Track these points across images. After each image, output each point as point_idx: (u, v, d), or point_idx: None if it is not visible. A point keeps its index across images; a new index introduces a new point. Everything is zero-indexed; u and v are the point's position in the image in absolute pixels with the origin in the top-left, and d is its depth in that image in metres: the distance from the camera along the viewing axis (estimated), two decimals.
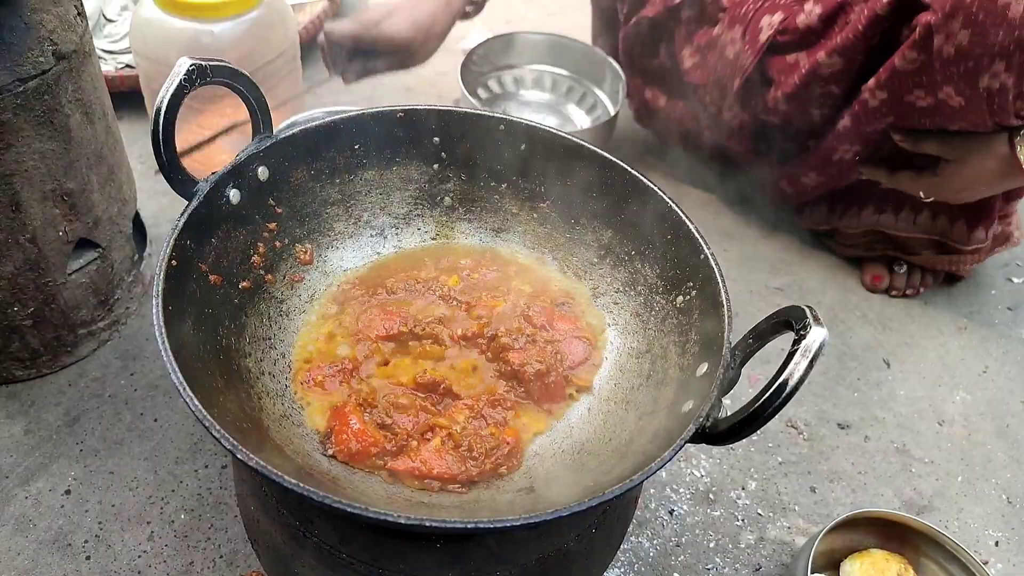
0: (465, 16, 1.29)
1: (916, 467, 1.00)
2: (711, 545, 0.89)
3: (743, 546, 0.89)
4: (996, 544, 0.94)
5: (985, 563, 0.84)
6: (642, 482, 0.49)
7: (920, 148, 1.07)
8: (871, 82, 0.99)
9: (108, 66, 1.36)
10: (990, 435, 1.05)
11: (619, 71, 1.28)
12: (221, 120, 1.20)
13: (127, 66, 1.36)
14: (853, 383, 1.09)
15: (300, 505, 0.59)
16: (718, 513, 0.92)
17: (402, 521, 0.45)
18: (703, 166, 1.31)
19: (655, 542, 0.88)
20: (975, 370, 1.14)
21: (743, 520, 0.92)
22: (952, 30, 0.86)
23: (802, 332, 0.50)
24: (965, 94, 0.91)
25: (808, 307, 0.52)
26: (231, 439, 0.47)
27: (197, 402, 0.48)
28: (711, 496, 0.93)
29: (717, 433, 0.52)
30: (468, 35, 1.63)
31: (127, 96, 1.30)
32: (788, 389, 0.49)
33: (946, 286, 1.25)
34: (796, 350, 0.49)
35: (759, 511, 0.93)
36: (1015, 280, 1.29)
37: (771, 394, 0.49)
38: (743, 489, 0.95)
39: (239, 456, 0.46)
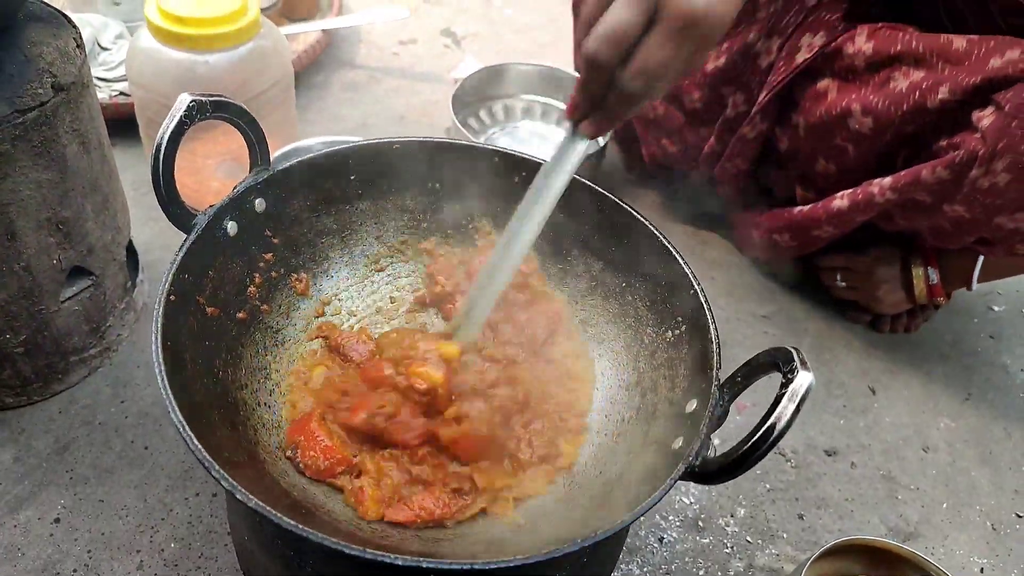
0: None
1: (902, 494, 1.02)
2: (700, 573, 0.89)
3: (732, 574, 0.90)
4: (981, 571, 0.95)
5: None
6: (632, 522, 0.50)
7: (831, 261, 1.20)
8: (887, 181, 0.98)
9: (103, 94, 1.36)
10: (974, 461, 1.07)
11: None
12: (214, 147, 1.21)
13: (122, 94, 1.37)
14: (839, 410, 1.10)
15: (295, 538, 0.59)
16: (707, 540, 0.93)
17: (399, 563, 0.46)
18: (692, 196, 1.33)
19: (645, 570, 0.89)
20: (958, 397, 1.15)
21: (732, 547, 0.93)
22: (995, 169, 0.85)
23: (789, 376, 0.51)
24: (974, 214, 0.92)
25: (795, 349, 0.53)
26: (230, 480, 0.47)
27: (197, 441, 0.49)
28: (700, 523, 0.94)
29: (706, 473, 0.53)
30: (458, 65, 1.66)
31: (121, 124, 1.31)
32: (776, 432, 0.50)
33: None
34: (784, 394, 0.50)
35: (748, 538, 0.94)
36: (996, 308, 1.31)
37: (759, 437, 0.50)
38: (732, 516, 0.96)
39: (239, 497, 0.46)
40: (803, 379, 0.50)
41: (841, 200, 1.05)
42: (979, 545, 0.97)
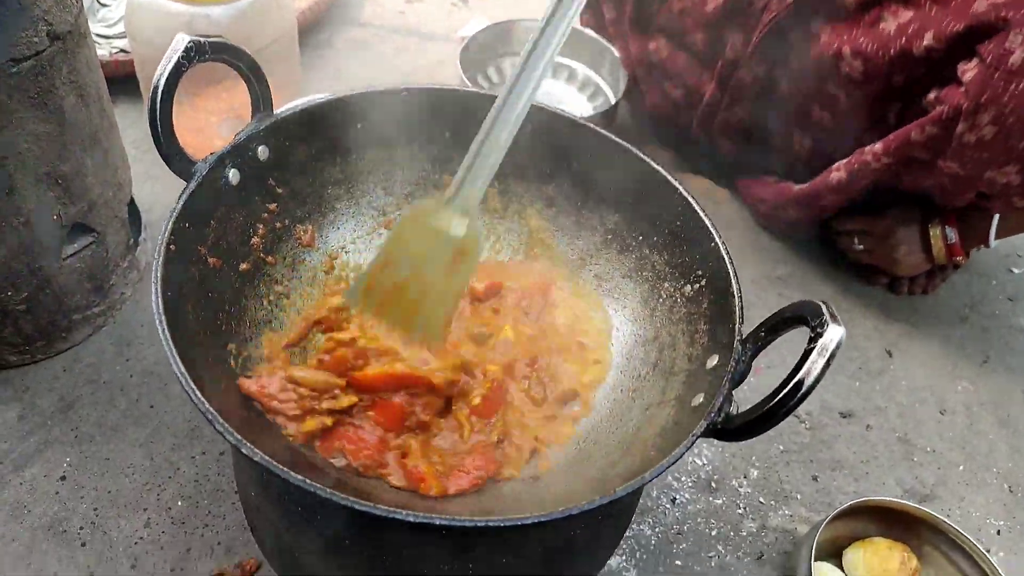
0: None
1: (918, 456, 1.00)
2: (713, 533, 0.88)
3: (745, 534, 0.89)
4: (998, 533, 0.93)
5: (987, 552, 0.84)
6: (652, 480, 0.48)
7: (849, 224, 1.16)
8: (878, 147, 0.97)
9: (103, 51, 1.34)
10: (992, 425, 1.05)
11: (619, 58, 1.27)
12: (217, 103, 1.19)
13: (121, 51, 1.34)
14: (855, 372, 1.08)
15: (303, 493, 0.58)
16: (720, 501, 0.91)
17: (411, 520, 0.44)
18: (703, 157, 1.30)
19: (657, 530, 0.87)
20: (976, 360, 1.13)
21: (745, 508, 0.91)
22: (979, 123, 0.84)
23: (819, 329, 0.49)
24: (967, 170, 0.91)
25: (824, 303, 0.51)
26: (235, 434, 0.46)
27: (199, 394, 0.47)
28: (713, 484, 0.93)
29: (729, 429, 0.51)
30: (466, 24, 1.62)
31: (122, 81, 1.28)
32: (804, 388, 0.48)
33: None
34: (813, 348, 0.48)
35: (761, 499, 0.92)
36: (1015, 271, 1.29)
37: (786, 393, 0.48)
38: (745, 478, 0.94)
39: (243, 451, 0.45)
40: (833, 333, 0.48)
41: (839, 172, 1.04)
42: (996, 507, 0.96)
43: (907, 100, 0.95)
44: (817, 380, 0.48)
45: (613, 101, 1.24)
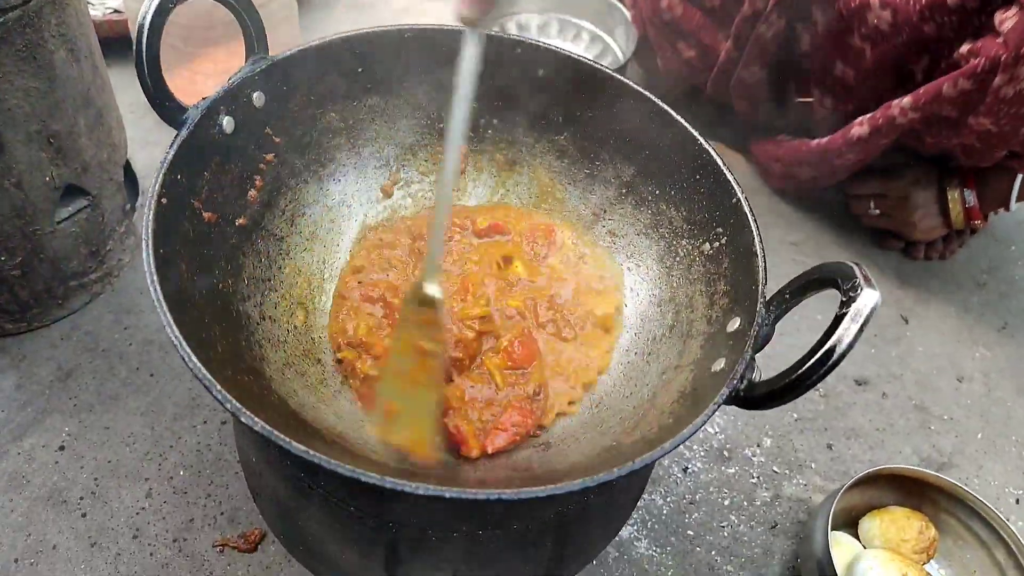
0: None
1: (935, 424, 0.98)
2: (726, 503, 0.86)
3: (758, 504, 0.87)
4: (1017, 501, 0.91)
5: (1008, 520, 0.82)
6: (672, 450, 0.45)
7: (863, 188, 1.13)
8: (907, 100, 0.93)
9: (96, 11, 1.29)
10: (1010, 392, 1.02)
11: (629, 18, 1.23)
12: (214, 66, 1.15)
13: (115, 11, 1.30)
14: (870, 339, 1.06)
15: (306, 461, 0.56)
16: (733, 471, 0.89)
17: (420, 492, 0.42)
18: (714, 116, 1.26)
19: (669, 499, 0.86)
20: (994, 326, 1.11)
21: (758, 477, 0.89)
22: (1019, 74, 0.80)
23: (851, 293, 0.46)
24: (1001, 126, 0.87)
25: (857, 264, 0.48)
26: (233, 401, 0.43)
27: (196, 359, 0.44)
28: (725, 453, 0.91)
29: (753, 397, 0.48)
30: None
31: (115, 42, 1.24)
32: (836, 356, 0.44)
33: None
34: (845, 313, 0.45)
35: (775, 468, 0.90)
36: None
37: (817, 360, 0.45)
38: (758, 446, 0.92)
39: (243, 420, 0.42)
40: (868, 298, 0.45)
41: (861, 127, 1.00)
42: (1015, 476, 0.94)
43: (936, 54, 0.91)
44: (850, 347, 0.45)
45: (622, 60, 1.20)
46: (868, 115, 0.99)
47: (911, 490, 0.84)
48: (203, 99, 0.58)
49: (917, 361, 1.04)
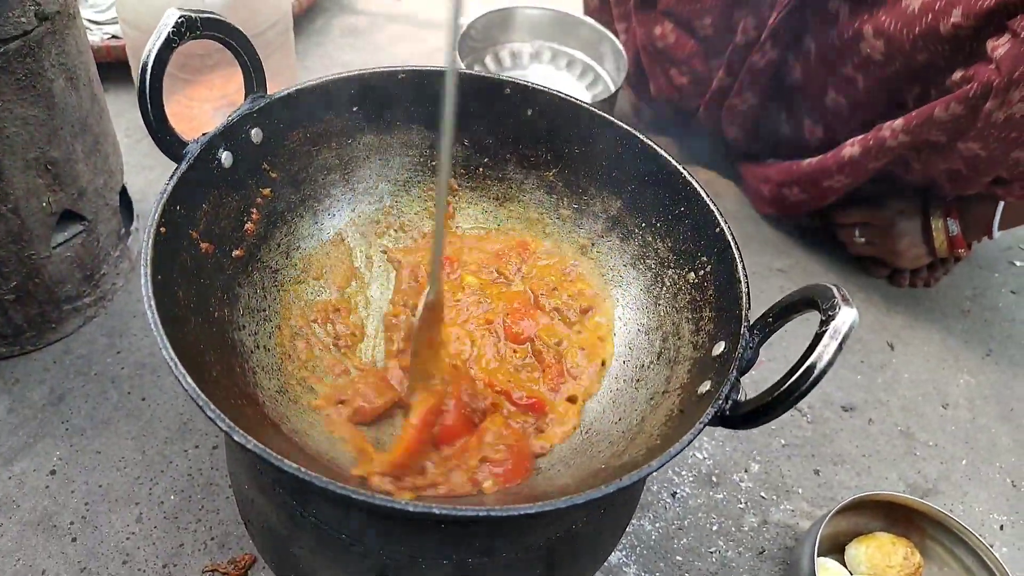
0: None
1: (920, 450, 0.99)
2: (714, 528, 0.87)
3: (746, 529, 0.88)
4: (1001, 528, 0.92)
5: (992, 547, 0.83)
6: (659, 468, 0.46)
7: (850, 217, 1.15)
8: (899, 123, 0.94)
9: (94, 36, 1.31)
10: (994, 419, 1.04)
11: (620, 48, 1.25)
12: (210, 92, 1.17)
13: (113, 37, 1.32)
14: (857, 365, 1.07)
15: (298, 485, 0.56)
16: (721, 496, 0.90)
17: (410, 509, 0.43)
18: (703, 145, 1.29)
19: (657, 525, 0.86)
20: (979, 353, 1.12)
21: (746, 503, 0.90)
22: (1011, 99, 0.81)
23: (830, 312, 0.47)
24: (991, 151, 0.89)
25: (835, 285, 0.49)
26: (226, 420, 0.44)
27: (190, 379, 0.45)
28: (714, 479, 0.92)
29: (738, 416, 0.50)
30: (464, 12, 1.60)
31: (113, 67, 1.26)
32: (816, 372, 0.46)
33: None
34: (824, 331, 0.46)
35: (762, 494, 0.91)
36: (1018, 263, 1.28)
37: (798, 377, 0.46)
38: (746, 472, 0.93)
39: (236, 439, 0.43)
40: (846, 316, 0.46)
41: (852, 147, 1.02)
42: (999, 502, 0.95)
43: (928, 82, 0.93)
44: (830, 364, 0.46)
45: (613, 89, 1.22)
46: (859, 136, 1.01)
47: (897, 516, 0.85)
48: (203, 134, 0.60)
49: (903, 387, 1.06)
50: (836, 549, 0.85)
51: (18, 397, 0.89)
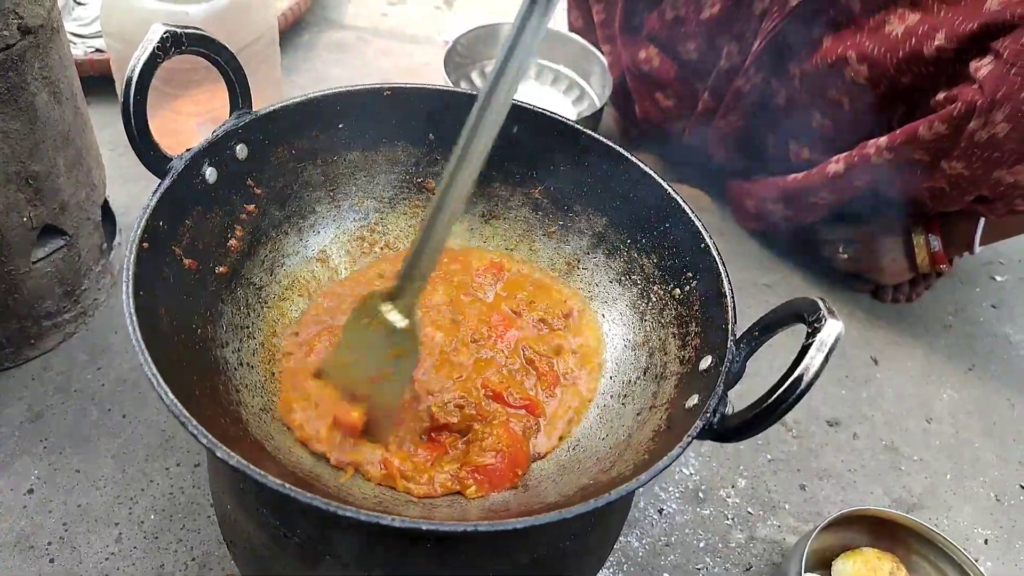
0: None
1: (905, 465, 0.99)
2: (701, 544, 0.87)
3: (733, 545, 0.88)
4: (985, 542, 0.93)
5: (977, 561, 0.83)
6: (648, 482, 0.46)
7: (833, 233, 1.15)
8: (883, 140, 0.95)
9: (78, 50, 1.31)
10: (977, 433, 1.05)
11: (605, 64, 1.26)
12: (196, 106, 1.16)
13: (97, 50, 1.31)
14: (842, 380, 1.08)
15: (282, 505, 0.56)
16: (708, 512, 0.90)
17: (397, 525, 0.42)
18: (688, 162, 1.29)
19: (644, 541, 0.86)
20: (961, 368, 1.13)
21: (733, 519, 0.90)
22: (993, 119, 0.83)
23: (816, 325, 0.48)
24: (973, 170, 0.90)
25: (821, 299, 0.50)
26: (209, 436, 0.43)
27: (172, 395, 0.44)
28: (700, 495, 0.91)
29: (726, 430, 0.50)
30: (449, 26, 1.61)
31: (97, 81, 1.25)
32: (804, 384, 0.46)
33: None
34: (811, 343, 0.47)
35: (749, 510, 0.91)
36: (998, 278, 1.29)
37: (785, 389, 0.47)
38: (733, 487, 0.93)
39: (219, 455, 0.42)
40: (832, 328, 0.47)
41: (837, 164, 1.03)
42: (983, 517, 0.95)
43: (912, 103, 0.95)
44: (816, 375, 0.46)
45: (599, 105, 1.23)
46: (844, 154, 1.02)
47: (883, 531, 0.85)
48: (187, 150, 0.59)
49: (887, 402, 1.06)
50: (823, 564, 0.85)
51: None
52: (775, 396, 0.47)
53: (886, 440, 1.02)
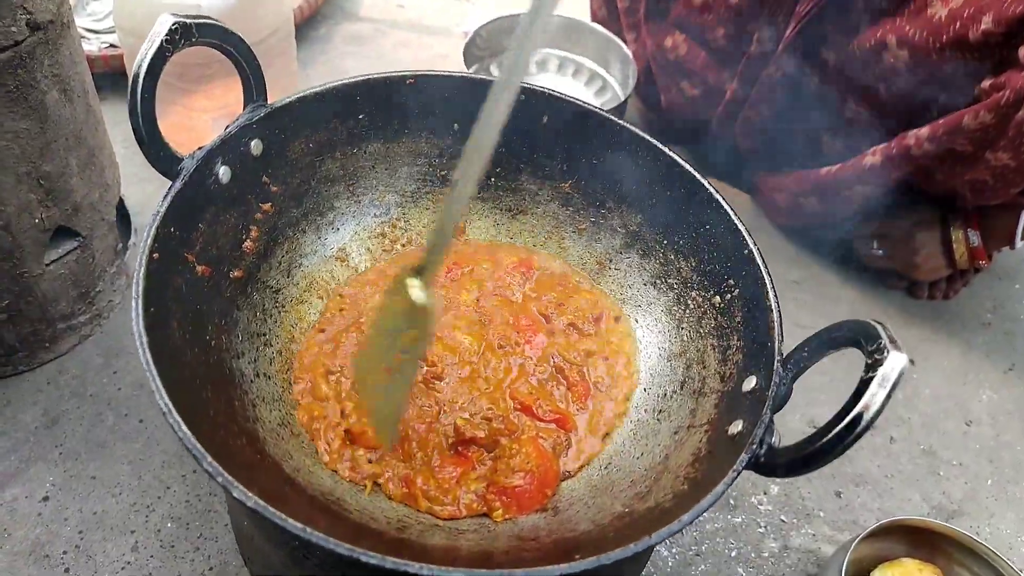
0: None
1: (944, 470, 0.95)
2: (732, 554, 0.84)
3: (766, 555, 0.84)
4: None
5: (1021, 572, 0.80)
6: (691, 522, 0.43)
7: (866, 228, 1.11)
8: (924, 131, 0.91)
9: (91, 46, 1.28)
10: (1019, 436, 1.00)
11: (628, 55, 1.22)
12: (210, 102, 1.14)
13: (111, 46, 1.29)
14: None
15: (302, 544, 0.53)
16: (739, 520, 0.87)
17: (424, 574, 0.39)
18: (715, 155, 1.25)
19: (674, 551, 0.83)
20: (1001, 367, 1.09)
21: (766, 527, 0.87)
22: None
23: (877, 356, 0.44)
24: (1020, 160, 0.86)
25: (881, 324, 0.46)
26: (225, 474, 0.41)
27: (185, 427, 0.42)
28: (732, 501, 0.88)
29: (774, 464, 0.46)
30: (466, 17, 1.57)
31: (111, 77, 1.23)
32: (864, 422, 0.42)
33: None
34: (872, 377, 0.43)
35: (782, 517, 0.88)
36: None
37: (844, 427, 0.43)
38: (765, 494, 0.90)
39: (235, 495, 0.40)
40: (896, 361, 0.43)
41: (873, 156, 0.98)
42: None
43: (954, 91, 0.90)
44: (878, 414, 0.43)
45: (622, 97, 1.19)
46: (882, 145, 0.98)
47: (922, 541, 0.82)
48: (199, 148, 0.57)
49: (924, 404, 1.02)
50: (860, 575, 0.82)
51: (10, 419, 0.86)
52: (832, 434, 0.43)
53: (924, 444, 0.98)
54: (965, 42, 0.84)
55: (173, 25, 0.52)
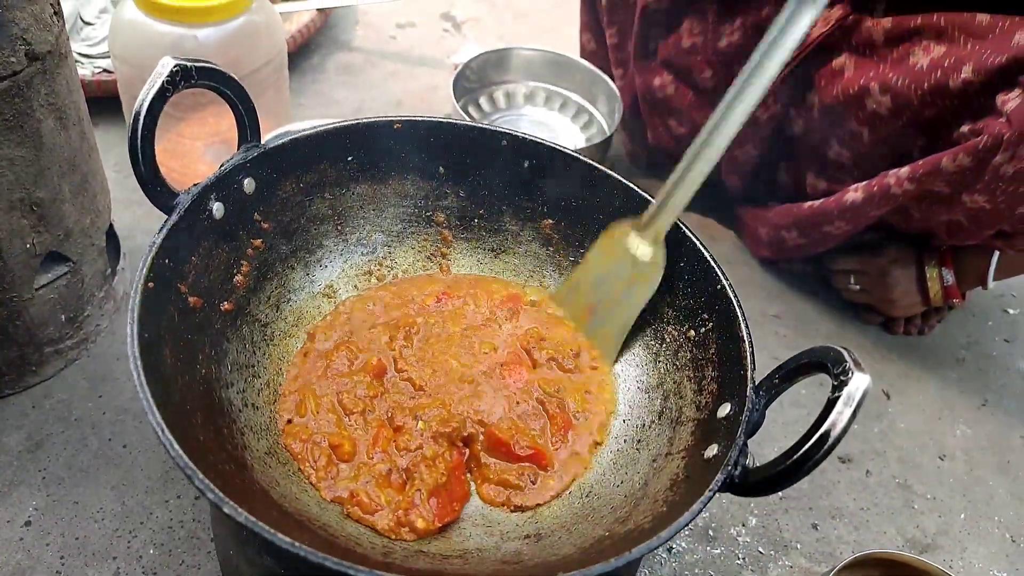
0: None
1: (919, 503, 0.97)
2: None
3: None
4: None
5: None
6: (668, 540, 0.45)
7: (844, 264, 1.15)
8: (904, 171, 0.94)
9: (85, 70, 1.30)
10: (992, 471, 1.03)
11: (615, 90, 1.25)
12: (202, 128, 1.15)
13: (104, 71, 1.31)
14: None
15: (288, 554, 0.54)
16: (718, 551, 0.88)
17: None
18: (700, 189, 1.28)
19: None
20: (974, 403, 1.11)
21: (744, 559, 0.88)
22: (1020, 153, 0.81)
23: (842, 377, 0.46)
24: (996, 204, 0.88)
25: (845, 349, 0.48)
26: (216, 491, 0.42)
27: (177, 446, 0.43)
28: (711, 533, 0.90)
29: (748, 484, 0.48)
30: (458, 50, 1.60)
31: (103, 102, 1.25)
32: (831, 440, 0.45)
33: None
34: (837, 397, 0.45)
35: (760, 549, 0.89)
36: (1011, 311, 1.28)
37: (811, 445, 0.45)
38: (743, 526, 0.91)
39: (226, 510, 0.41)
40: (859, 381, 0.45)
41: (855, 193, 1.01)
42: (998, 558, 0.93)
43: (934, 135, 0.93)
44: (844, 432, 0.45)
45: (608, 132, 1.22)
46: (864, 182, 1.00)
47: (897, 574, 0.83)
48: (194, 185, 0.58)
49: (900, 438, 1.05)
50: None
51: None
52: (800, 452, 0.45)
53: (899, 478, 1.00)
54: (946, 89, 0.87)
55: (174, 67, 0.54)
